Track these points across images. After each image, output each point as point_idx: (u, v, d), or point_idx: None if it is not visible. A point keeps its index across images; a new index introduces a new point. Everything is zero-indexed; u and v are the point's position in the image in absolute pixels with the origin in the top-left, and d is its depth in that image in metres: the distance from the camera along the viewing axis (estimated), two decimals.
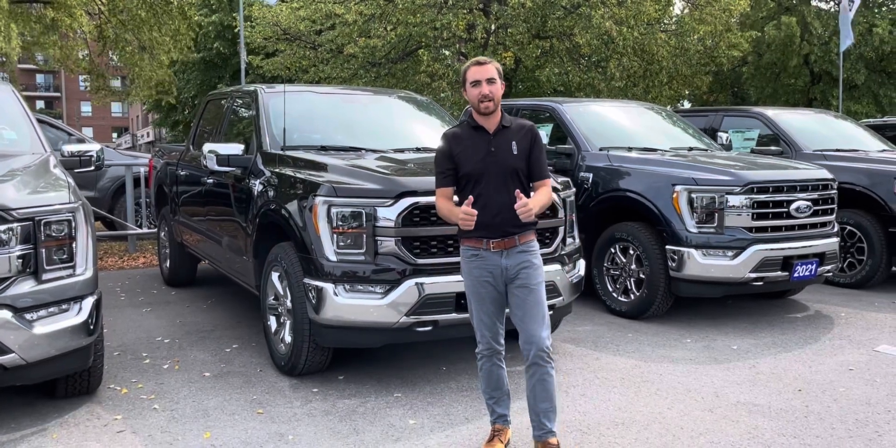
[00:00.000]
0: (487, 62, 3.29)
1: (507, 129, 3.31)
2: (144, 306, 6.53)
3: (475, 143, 3.28)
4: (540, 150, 3.36)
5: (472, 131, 3.33)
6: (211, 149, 5.07)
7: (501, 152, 3.26)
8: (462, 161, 3.28)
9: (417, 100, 6.31)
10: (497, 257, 3.27)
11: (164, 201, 7.41)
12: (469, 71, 3.28)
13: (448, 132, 3.43)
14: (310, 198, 4.21)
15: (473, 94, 3.25)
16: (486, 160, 3.25)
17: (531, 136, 3.34)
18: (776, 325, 5.87)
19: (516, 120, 3.41)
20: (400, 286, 4.07)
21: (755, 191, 5.68)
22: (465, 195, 3.25)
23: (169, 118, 28.57)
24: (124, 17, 12.75)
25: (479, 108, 3.27)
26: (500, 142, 3.28)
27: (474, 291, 3.34)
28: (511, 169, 3.26)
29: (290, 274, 4.34)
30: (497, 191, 3.23)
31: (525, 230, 3.31)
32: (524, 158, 3.30)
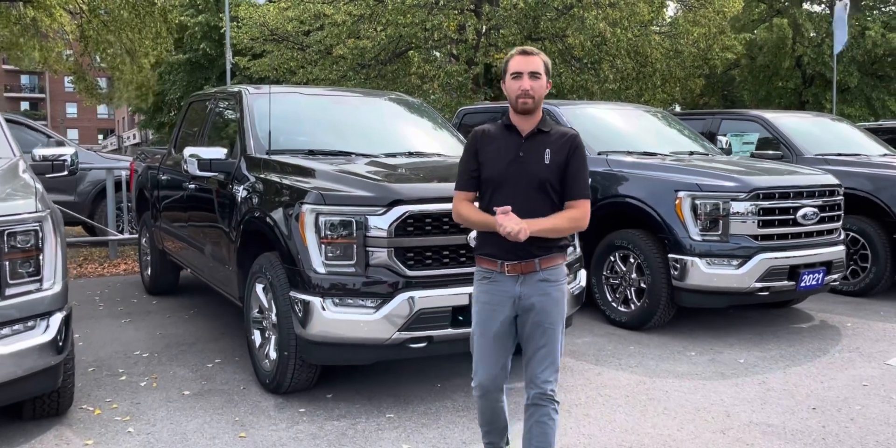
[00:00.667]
0: (535, 53, 2.85)
1: (543, 134, 2.86)
2: (123, 317, 6.24)
3: (504, 145, 2.86)
4: (580, 164, 2.85)
5: (504, 131, 2.90)
6: (192, 153, 4.81)
7: (530, 159, 2.82)
8: (486, 163, 2.86)
9: (409, 102, 6.06)
10: (511, 283, 2.83)
11: (146, 206, 7.14)
12: (512, 61, 2.87)
13: (479, 129, 2.99)
14: (296, 205, 3.96)
15: (513, 88, 2.82)
16: (511, 166, 2.82)
17: (571, 145, 2.85)
18: (782, 337, 5.66)
19: (558, 126, 2.95)
20: (392, 300, 3.82)
21: (761, 197, 5.46)
22: (482, 203, 2.88)
23: (154, 120, 28.19)
24: (106, 18, 12.42)
25: (517, 106, 2.83)
26: (532, 147, 2.83)
27: (480, 320, 2.90)
28: (537, 180, 2.79)
29: (276, 286, 4.09)
30: (518, 204, 2.75)
31: (549, 253, 2.84)
32: (557, 170, 2.81)
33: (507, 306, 2.84)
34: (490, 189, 2.86)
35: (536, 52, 2.87)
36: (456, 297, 3.88)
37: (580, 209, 2.84)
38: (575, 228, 2.85)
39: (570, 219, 2.82)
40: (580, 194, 2.84)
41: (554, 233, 2.80)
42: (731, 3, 13.83)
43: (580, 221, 2.84)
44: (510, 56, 2.88)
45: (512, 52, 2.91)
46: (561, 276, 2.88)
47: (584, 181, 2.86)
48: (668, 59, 13.90)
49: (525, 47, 2.90)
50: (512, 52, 2.90)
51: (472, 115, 8.19)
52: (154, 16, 12.16)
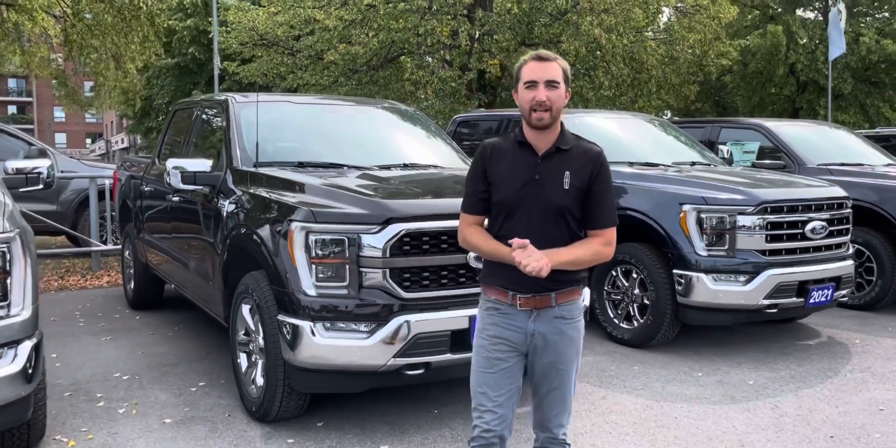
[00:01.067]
0: (551, 59, 2.49)
1: (563, 152, 2.50)
2: (104, 334, 5.98)
3: (517, 165, 2.51)
4: (604, 188, 2.51)
5: (516, 148, 2.54)
6: (176, 164, 4.56)
7: (547, 183, 2.47)
8: (496, 185, 2.52)
9: (403, 111, 5.83)
10: (524, 318, 2.53)
11: (129, 217, 6.88)
12: (525, 68, 2.50)
13: (488, 144, 2.62)
14: (285, 223, 3.72)
15: (526, 100, 2.46)
16: (525, 190, 2.48)
17: (595, 166, 2.50)
18: (790, 355, 5.45)
19: (581, 142, 2.58)
20: (388, 324, 3.59)
21: (769, 211, 5.26)
22: (493, 228, 2.56)
23: (142, 124, 27.87)
24: (91, 22, 12.12)
25: (531, 120, 2.46)
26: (549, 169, 2.48)
27: (486, 355, 2.57)
28: (555, 207, 2.46)
29: (263, 308, 3.85)
30: (533, 232, 2.44)
31: (567, 287, 2.54)
32: (577, 196, 2.47)
33: (518, 342, 2.55)
34: (501, 214, 2.54)
35: (553, 56, 2.52)
36: (455, 321, 3.66)
37: (605, 238, 2.53)
38: (598, 260, 2.54)
39: (593, 251, 2.51)
40: (605, 222, 2.52)
41: (574, 266, 2.49)
42: (727, 9, 13.69)
43: (604, 253, 2.53)
44: (523, 62, 2.54)
45: (525, 57, 2.56)
46: (578, 312, 2.59)
47: (609, 207, 2.54)
48: (663, 66, 13.74)
49: (541, 52, 2.54)
50: (525, 58, 2.55)
51: (468, 123, 7.97)
52: (140, 20, 11.88)
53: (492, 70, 13.01)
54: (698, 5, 13.24)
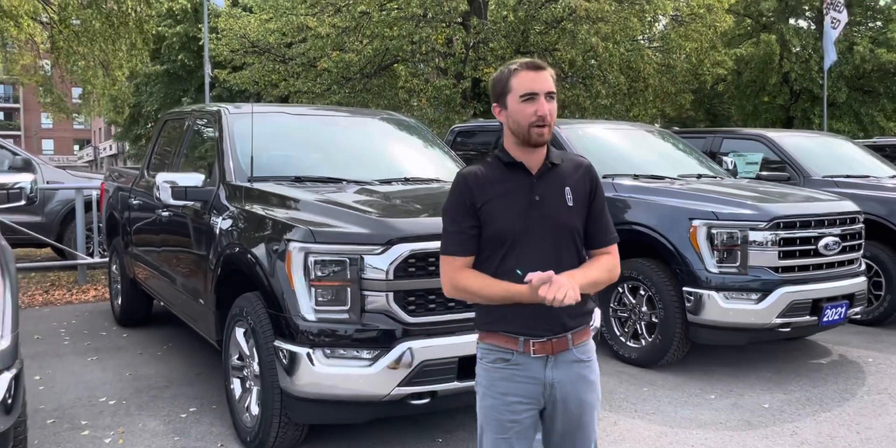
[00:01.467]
0: (545, 67, 2.20)
1: (556, 168, 2.25)
2: (90, 353, 5.74)
3: (511, 189, 2.21)
4: (603, 201, 2.32)
5: (503, 170, 2.24)
6: (166, 179, 4.35)
7: (550, 203, 2.21)
8: (490, 215, 2.19)
9: (402, 121, 5.64)
10: (538, 367, 2.21)
11: (116, 231, 6.64)
12: (517, 78, 2.18)
13: (467, 172, 2.28)
14: (282, 243, 3.51)
15: (525, 115, 2.16)
16: (528, 215, 2.19)
17: (591, 179, 2.29)
18: (803, 375, 5.27)
19: (566, 154, 2.35)
20: (392, 350, 3.38)
21: (781, 226, 5.09)
22: (488, 267, 2.21)
23: (131, 132, 27.54)
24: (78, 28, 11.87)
25: (530, 137, 2.18)
26: (548, 187, 2.23)
27: (496, 418, 2.23)
28: (565, 228, 2.22)
29: (258, 333, 3.63)
30: (546, 262, 2.15)
31: (582, 324, 2.28)
32: (582, 212, 2.25)
33: (535, 396, 2.22)
34: (500, 248, 2.20)
35: (545, 65, 2.22)
36: (463, 346, 3.45)
37: (614, 255, 2.31)
38: (611, 280, 2.29)
39: (608, 270, 2.26)
40: (611, 238, 2.32)
41: (593, 288, 2.23)
42: (722, 17, 13.59)
43: (615, 271, 2.30)
44: (512, 71, 2.19)
45: (513, 65, 2.21)
46: (593, 351, 2.33)
47: (609, 222, 2.34)
48: (660, 75, 13.61)
49: (534, 60, 2.23)
50: (514, 67, 2.20)
51: (467, 133, 7.79)
52: (129, 26, 11.64)
53: (486, 78, 12.81)
54: (694, 14, 13.13)
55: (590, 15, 11.64)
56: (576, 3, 11.15)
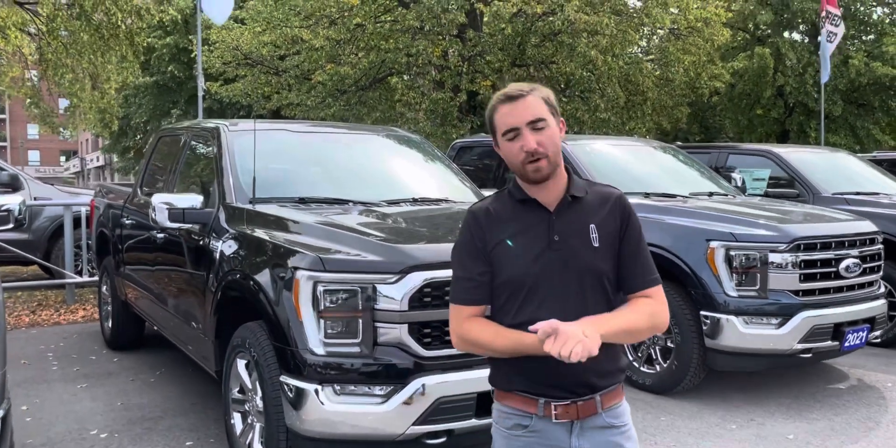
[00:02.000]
0: (525, 93, 1.93)
1: (578, 202, 1.97)
2: (80, 380, 5.48)
3: (525, 229, 1.95)
4: (639, 238, 2.00)
5: (518, 207, 1.99)
6: (163, 200, 4.13)
7: (571, 244, 1.93)
8: (502, 260, 1.94)
9: (407, 138, 5.43)
10: (562, 434, 1.93)
11: (107, 250, 6.39)
12: (496, 115, 1.95)
13: (477, 208, 2.03)
14: (289, 271, 3.29)
15: (512, 153, 1.93)
16: (545, 258, 1.92)
17: (622, 213, 1.98)
18: (823, 402, 5.08)
19: (594, 186, 2.05)
20: (406, 387, 3.16)
21: (802, 248, 4.91)
22: (504, 317, 1.95)
23: (119, 144, 27.24)
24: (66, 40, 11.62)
25: (528, 175, 1.93)
26: (569, 225, 1.95)
27: None
28: (590, 273, 1.92)
29: (262, 366, 3.40)
30: (565, 312, 1.86)
31: (613, 383, 1.98)
32: (610, 253, 1.95)
33: None
34: (515, 297, 1.93)
35: (525, 90, 1.95)
36: (481, 382, 3.19)
37: (657, 299, 1.95)
38: (656, 329, 1.95)
39: (650, 314, 1.91)
40: (651, 280, 1.97)
41: (630, 337, 1.91)
42: (720, 31, 13.51)
43: (661, 317, 1.95)
44: (492, 108, 1.97)
45: (492, 101, 2.00)
46: (627, 415, 2.03)
47: (649, 261, 2.00)
48: (658, 88, 13.50)
49: (508, 89, 1.97)
50: (493, 102, 1.98)
51: (469, 148, 7.60)
52: (119, 38, 11.42)
53: (483, 91, 12.66)
54: (692, 27, 13.04)
55: (588, 28, 11.52)
56: (575, 16, 11.02)
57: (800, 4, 17.99)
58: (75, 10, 11.14)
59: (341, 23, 12.56)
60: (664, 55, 13.30)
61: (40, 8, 11.23)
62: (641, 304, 1.94)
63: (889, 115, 18.74)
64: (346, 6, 12.45)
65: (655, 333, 2.00)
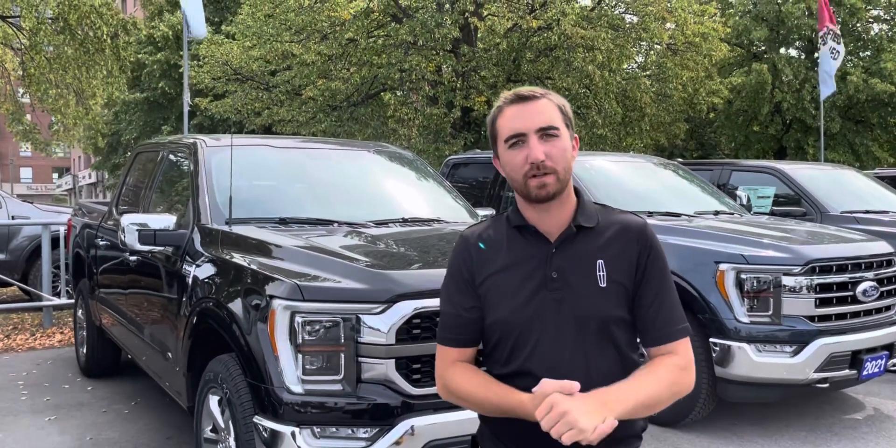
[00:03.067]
0: (537, 95, 1.64)
1: (587, 233, 1.67)
2: (49, 412, 5.14)
3: (519, 262, 1.67)
4: (662, 279, 1.68)
5: (514, 235, 1.70)
6: (132, 221, 3.82)
7: (572, 282, 1.63)
8: (491, 297, 1.67)
9: (398, 154, 5.15)
10: None
11: (83, 272, 6.07)
12: (501, 117, 1.65)
13: (469, 234, 1.77)
14: (265, 299, 2.99)
15: (515, 164, 1.62)
16: (539, 298, 1.63)
17: (642, 247, 1.67)
18: (839, 434, 4.77)
19: (611, 213, 1.74)
20: (394, 429, 2.85)
21: (817, 271, 4.63)
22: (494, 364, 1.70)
23: (109, 161, 26.96)
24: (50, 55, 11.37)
25: (529, 191, 1.63)
26: (571, 260, 1.64)
27: None
28: (593, 319, 1.62)
29: (235, 405, 3.09)
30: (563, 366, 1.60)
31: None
32: (622, 296, 1.64)
33: None
34: (505, 341, 1.66)
35: (540, 92, 1.65)
36: (476, 422, 2.91)
37: (684, 357, 1.65)
38: (678, 395, 1.64)
39: (672, 382, 1.60)
40: (676, 331, 1.66)
41: (649, 410, 1.58)
42: (718, 46, 13.34)
43: (686, 381, 1.64)
44: (497, 110, 1.68)
45: (498, 102, 1.70)
46: None
47: (677, 307, 1.69)
48: (656, 104, 13.30)
49: (518, 90, 1.67)
50: (498, 103, 1.68)
51: (463, 165, 7.32)
52: (105, 53, 11.17)
53: (477, 107, 12.41)
54: (689, 42, 12.86)
55: (584, 43, 11.31)
56: (571, 31, 10.81)
57: (795, 21, 17.88)
58: (59, 24, 10.91)
59: (333, 38, 12.34)
60: (662, 71, 13.11)
61: (23, 21, 11.00)
62: (664, 369, 1.62)
63: (887, 131, 18.59)
64: (337, 21, 12.25)
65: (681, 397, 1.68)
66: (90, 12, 10.41)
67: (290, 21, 12.46)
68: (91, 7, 10.44)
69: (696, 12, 13.09)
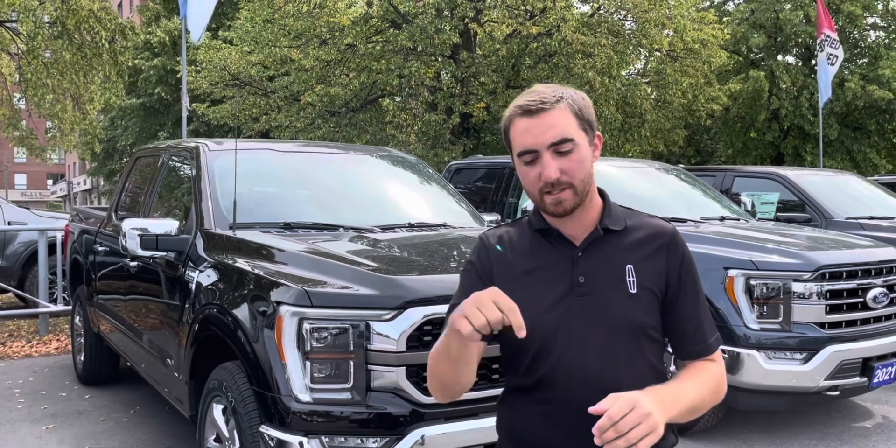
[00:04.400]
0: (546, 106, 1.52)
1: (614, 236, 1.61)
2: (47, 420, 5.05)
3: (542, 266, 1.60)
4: (695, 288, 1.63)
5: (537, 239, 1.64)
6: (134, 226, 3.75)
7: (600, 288, 1.56)
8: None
9: (402, 159, 5.09)
10: None
11: (80, 279, 5.99)
12: (513, 129, 1.57)
13: (490, 235, 1.70)
14: (271, 306, 2.92)
15: (529, 180, 1.56)
16: (566, 304, 1.56)
17: (672, 254, 1.62)
18: (851, 443, 4.71)
19: (637, 216, 1.67)
20: (404, 438, 2.79)
21: (827, 277, 4.57)
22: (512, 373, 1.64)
23: (105, 167, 26.85)
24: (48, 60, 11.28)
25: (546, 207, 1.57)
26: (598, 264, 1.58)
27: None
28: (624, 326, 1.56)
29: (240, 414, 3.01)
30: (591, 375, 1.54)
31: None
32: (652, 302, 1.58)
33: None
34: (524, 351, 1.58)
35: (550, 99, 1.53)
36: (489, 431, 2.84)
37: (721, 364, 1.62)
38: (718, 401, 1.60)
39: (714, 390, 1.56)
40: (714, 343, 1.63)
41: (691, 415, 1.51)
42: (717, 53, 13.33)
43: (724, 388, 1.61)
44: (508, 120, 1.59)
45: (508, 110, 1.59)
46: None
47: (709, 316, 1.65)
48: (656, 110, 13.27)
49: (527, 98, 1.55)
50: (508, 112, 1.59)
51: (465, 170, 7.26)
52: (103, 58, 11.10)
53: (477, 113, 12.36)
54: (689, 49, 12.85)
55: (585, 49, 11.29)
56: (571, 37, 10.78)
57: (793, 28, 17.92)
58: (57, 29, 10.84)
59: (332, 43, 12.29)
60: (662, 77, 13.08)
61: (20, 26, 10.94)
62: (707, 374, 1.58)
63: (885, 139, 18.61)
64: (336, 26, 12.20)
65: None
66: (88, 16, 10.35)
67: (289, 26, 12.41)
68: (90, 11, 10.37)
69: (695, 19, 13.08)
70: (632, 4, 11.86)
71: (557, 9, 11.24)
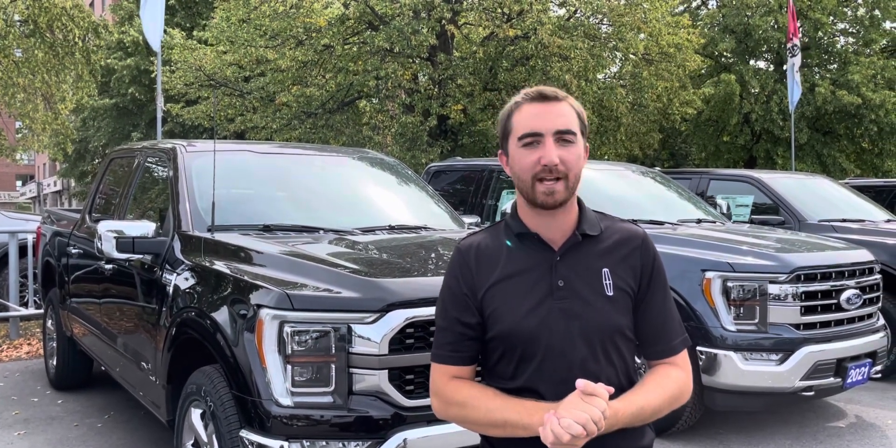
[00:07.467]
0: (560, 97, 1.59)
1: (591, 241, 1.64)
2: (17, 426, 4.96)
3: (522, 271, 1.62)
4: (664, 290, 1.71)
5: (516, 244, 1.65)
6: (110, 228, 3.69)
7: (579, 291, 1.59)
8: (495, 309, 1.61)
9: (382, 161, 5.07)
10: None
11: (53, 281, 5.89)
12: (518, 113, 1.60)
13: (466, 245, 1.70)
14: (251, 309, 2.89)
15: (525, 164, 1.57)
16: (546, 308, 1.58)
17: (645, 256, 1.68)
18: (826, 443, 4.77)
19: (613, 222, 1.72)
20: (386, 442, 2.77)
21: (802, 279, 4.63)
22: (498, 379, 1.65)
23: (76, 168, 26.47)
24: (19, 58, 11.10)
25: (535, 195, 1.58)
26: (576, 268, 1.61)
27: None
28: (603, 329, 1.60)
29: (219, 418, 2.97)
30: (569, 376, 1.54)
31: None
32: (627, 305, 1.63)
33: None
34: (510, 356, 1.61)
35: (563, 95, 1.61)
36: (471, 435, 2.83)
37: (683, 368, 1.67)
38: (678, 405, 1.65)
39: (676, 392, 1.61)
40: (680, 343, 1.68)
41: (651, 417, 1.59)
42: (692, 57, 13.46)
43: (687, 391, 1.65)
44: (515, 105, 1.61)
45: (516, 98, 1.63)
46: None
47: (677, 318, 1.72)
48: (632, 114, 13.37)
49: (541, 88, 1.61)
50: (516, 99, 1.63)
51: (444, 173, 7.25)
52: (75, 57, 10.94)
53: (454, 116, 12.37)
54: (664, 53, 12.96)
55: (561, 52, 11.34)
56: (548, 40, 10.83)
57: (762, 33, 18.14)
58: (29, 27, 10.66)
59: (308, 44, 12.23)
60: (637, 81, 13.19)
61: None
62: (667, 380, 1.63)
63: (854, 143, 18.90)
64: (313, 27, 12.15)
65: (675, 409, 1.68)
66: (61, 14, 10.21)
67: (265, 27, 12.33)
68: (62, 9, 10.23)
69: (671, 23, 13.20)
70: (608, 8, 11.96)
71: (534, 12, 11.29)
